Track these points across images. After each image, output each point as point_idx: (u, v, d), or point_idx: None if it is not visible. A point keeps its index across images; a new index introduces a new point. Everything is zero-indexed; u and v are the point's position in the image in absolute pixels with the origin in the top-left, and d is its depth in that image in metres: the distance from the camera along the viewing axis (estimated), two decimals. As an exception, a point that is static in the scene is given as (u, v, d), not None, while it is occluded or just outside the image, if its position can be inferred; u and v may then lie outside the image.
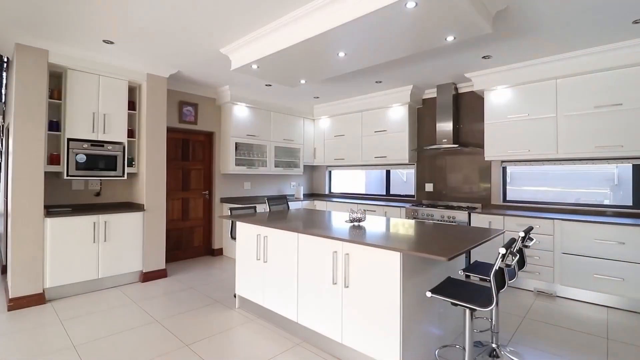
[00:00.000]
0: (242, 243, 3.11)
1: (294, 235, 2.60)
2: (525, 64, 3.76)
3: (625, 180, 3.69)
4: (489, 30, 2.52)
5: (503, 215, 3.86)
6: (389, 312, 2.00)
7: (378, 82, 4.64)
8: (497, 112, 4.11)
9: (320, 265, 2.40)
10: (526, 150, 3.90)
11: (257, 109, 5.42)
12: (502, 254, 1.74)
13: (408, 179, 5.77)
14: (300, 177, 6.60)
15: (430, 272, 2.28)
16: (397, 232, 2.46)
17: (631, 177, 3.60)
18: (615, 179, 3.78)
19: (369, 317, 2.11)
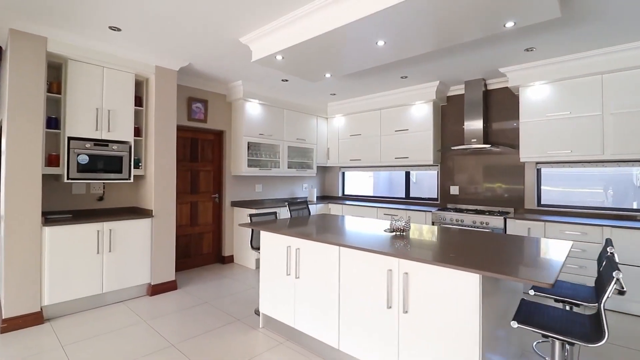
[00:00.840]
0: (267, 255, 2.77)
1: (334, 249, 2.26)
2: (569, 58, 3.47)
3: (676, 183, 3.41)
4: (558, 14, 2.21)
5: (543, 221, 3.57)
6: (465, 344, 1.68)
7: (403, 78, 4.32)
8: (535, 110, 3.82)
9: (370, 285, 2.07)
10: (568, 151, 3.60)
11: (270, 107, 5.07)
12: (618, 278, 1.42)
13: (418, 180, 5.45)
14: (313, 178, 6.27)
15: (500, 293, 1.96)
16: (448, 244, 2.14)
17: (685, 181, 3.32)
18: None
19: (435, 349, 1.78)
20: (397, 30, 2.46)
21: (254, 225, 2.86)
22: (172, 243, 3.75)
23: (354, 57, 3.01)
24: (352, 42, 2.70)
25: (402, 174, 5.50)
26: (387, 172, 5.75)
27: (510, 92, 4.27)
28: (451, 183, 4.82)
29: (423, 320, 1.83)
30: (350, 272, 2.18)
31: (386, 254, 1.94)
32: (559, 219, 3.57)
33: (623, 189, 3.69)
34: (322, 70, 3.37)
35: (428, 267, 1.81)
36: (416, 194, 5.33)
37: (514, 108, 4.24)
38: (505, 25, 2.36)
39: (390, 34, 2.54)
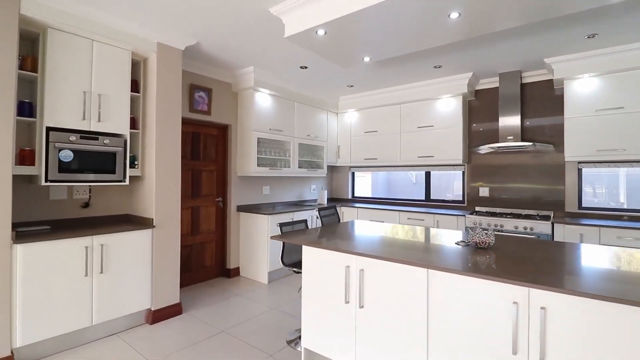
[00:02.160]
0: (313, 277, 2.22)
1: (421, 271, 1.76)
2: (627, 48, 3.16)
3: None
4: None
5: (598, 226, 3.24)
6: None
7: (437, 67, 3.89)
8: (583, 105, 3.49)
9: (482, 322, 1.58)
10: (622, 149, 3.30)
11: (281, 98, 4.49)
12: None
13: (418, 181, 5.06)
14: (321, 179, 5.74)
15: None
16: (563, 262, 1.70)
17: None
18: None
19: (591, 410, 1.32)
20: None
21: (293, 239, 2.31)
22: (176, 259, 3.11)
23: (413, 34, 2.51)
24: (419, 14, 2.21)
25: (405, 174, 5.09)
26: (387, 172, 5.32)
27: (548, 85, 3.94)
28: (481, 184, 4.45)
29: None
30: (446, 303, 1.68)
31: (507, 280, 1.46)
32: (613, 223, 3.26)
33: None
34: (363, 52, 2.86)
35: (573, 299, 1.35)
36: (435, 196, 4.93)
37: (552, 103, 3.92)
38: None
39: (468, 4, 2.07)
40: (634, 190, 3.67)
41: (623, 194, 3.75)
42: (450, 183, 4.90)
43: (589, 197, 3.84)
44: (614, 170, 3.74)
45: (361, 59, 3.02)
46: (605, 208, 3.72)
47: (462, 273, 1.59)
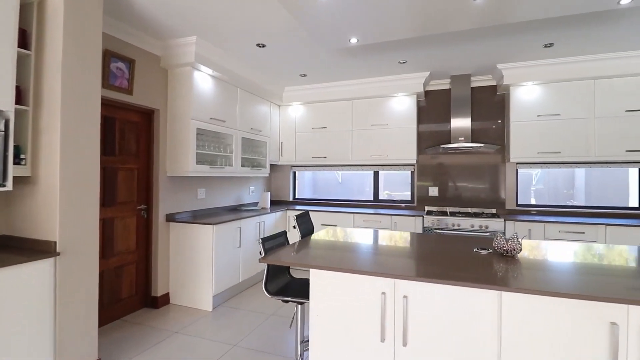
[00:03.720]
0: (328, 310, 1.70)
1: (491, 295, 1.43)
2: (569, 60, 3.51)
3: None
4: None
5: (543, 222, 3.53)
6: None
7: (402, 63, 3.71)
8: (526, 111, 3.78)
9: (572, 350, 1.33)
10: (558, 152, 3.67)
11: (224, 82, 3.71)
12: None
13: (368, 182, 5.02)
14: (261, 180, 5.06)
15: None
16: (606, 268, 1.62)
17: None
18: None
19: None
20: None
21: (296, 261, 1.74)
22: (93, 297, 2.14)
23: (431, 15, 2.20)
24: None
25: (332, 173, 4.93)
26: (327, 173, 5.08)
27: (492, 90, 4.19)
28: (430, 184, 4.49)
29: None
30: (526, 335, 1.39)
31: (605, 299, 1.25)
32: (554, 219, 3.60)
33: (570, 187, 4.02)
34: (351, 30, 2.43)
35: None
36: (364, 196, 4.84)
37: (495, 107, 4.18)
38: (620, 1, 1.99)
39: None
40: (563, 189, 4.17)
41: (553, 192, 4.23)
42: (392, 183, 4.86)
43: (524, 195, 4.23)
44: (546, 171, 4.19)
45: (347, 39, 2.58)
46: (538, 205, 4.13)
47: (548, 293, 1.31)
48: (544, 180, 4.26)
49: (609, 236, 3.31)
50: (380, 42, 2.96)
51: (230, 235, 3.47)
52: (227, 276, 3.43)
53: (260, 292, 3.71)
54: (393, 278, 1.57)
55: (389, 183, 4.88)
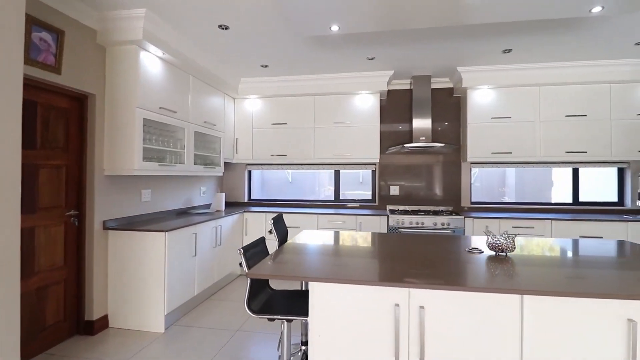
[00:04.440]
0: (333, 327, 1.48)
1: (514, 299, 1.35)
2: (519, 67, 3.76)
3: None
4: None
5: (499, 218, 3.74)
6: None
7: (370, 59, 3.62)
8: (481, 113, 3.98)
9: (591, 346, 1.31)
10: (509, 153, 3.92)
11: (175, 68, 3.24)
12: None
13: (319, 182, 4.92)
14: (212, 180, 4.59)
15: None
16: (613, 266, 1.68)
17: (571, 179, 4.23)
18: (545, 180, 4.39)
19: None
20: None
21: (285, 273, 1.49)
22: (14, 329, 1.61)
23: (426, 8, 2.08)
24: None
25: (283, 173, 4.78)
26: (261, 171, 4.88)
27: (449, 92, 4.34)
28: (391, 183, 4.51)
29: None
30: (545, 335, 1.34)
31: (624, 296, 1.24)
32: (505, 215, 3.83)
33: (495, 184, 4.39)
34: (333, 16, 2.23)
35: None
36: (322, 196, 4.74)
37: (451, 109, 4.34)
38: (592, 10, 2.11)
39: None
40: (513, 187, 4.48)
41: (487, 190, 4.52)
42: (350, 182, 4.78)
43: (476, 193, 4.46)
44: (483, 170, 4.45)
45: (328, 26, 2.37)
46: (489, 202, 4.38)
47: (571, 294, 1.27)
48: (480, 179, 4.51)
49: (554, 230, 3.61)
50: (356, 33, 2.82)
51: (184, 243, 3.03)
52: (181, 290, 2.99)
53: (218, 305, 3.32)
54: (407, 287, 1.41)
55: (346, 182, 4.78)
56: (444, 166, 4.38)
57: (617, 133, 3.71)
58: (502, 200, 4.44)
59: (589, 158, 3.78)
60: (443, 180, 4.38)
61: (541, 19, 2.59)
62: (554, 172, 4.33)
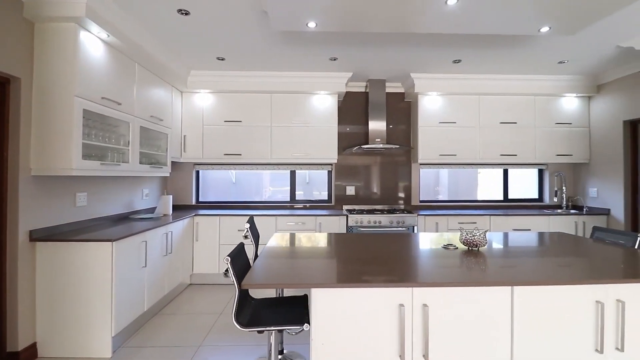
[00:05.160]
0: (336, 333, 1.42)
1: (505, 290, 1.45)
2: (465, 77, 4.11)
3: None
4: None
5: (447, 215, 4.04)
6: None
7: (333, 60, 3.61)
8: (430, 117, 4.26)
9: (571, 324, 1.46)
10: (454, 155, 4.27)
11: (120, 53, 2.84)
12: None
13: (264, 182, 4.81)
14: (156, 181, 4.15)
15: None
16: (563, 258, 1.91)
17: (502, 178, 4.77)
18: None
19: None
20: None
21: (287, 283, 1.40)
22: None
23: (393, 14, 2.11)
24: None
25: (226, 173, 4.66)
26: (203, 172, 4.69)
27: (400, 97, 4.56)
28: (347, 183, 4.58)
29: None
30: (531, 321, 1.45)
31: (597, 279, 1.42)
32: (452, 212, 4.16)
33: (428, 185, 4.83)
34: (311, 11, 2.16)
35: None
36: (278, 196, 4.67)
37: (403, 113, 4.57)
38: (540, 29, 2.38)
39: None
40: (446, 186, 4.87)
41: (425, 189, 4.89)
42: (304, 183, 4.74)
43: (424, 191, 4.76)
44: (432, 171, 4.80)
45: (305, 22, 2.29)
46: (435, 200, 4.71)
47: (558, 282, 1.41)
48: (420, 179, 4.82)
49: (492, 224, 4.03)
50: (324, 33, 2.79)
51: (133, 253, 2.67)
52: (131, 307, 2.63)
53: (172, 320, 3.00)
54: (411, 287, 1.42)
55: (300, 183, 4.72)
56: (396, 167, 4.59)
57: (540, 139, 4.28)
58: (437, 198, 4.81)
59: (518, 160, 4.30)
60: (395, 180, 4.59)
61: (491, 34, 2.85)
62: (480, 172, 4.83)
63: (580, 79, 4.16)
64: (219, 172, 4.67)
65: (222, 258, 3.93)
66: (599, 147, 4.17)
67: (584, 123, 4.31)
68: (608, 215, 4.03)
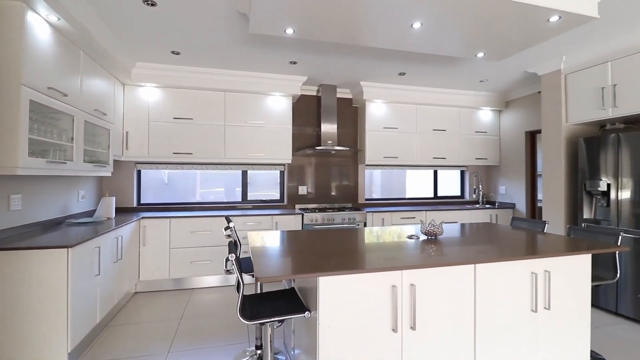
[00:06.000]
0: (339, 314, 1.58)
1: (470, 268, 1.77)
2: (408, 87, 4.60)
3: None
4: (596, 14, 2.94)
5: (391, 212, 4.48)
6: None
7: (292, 63, 3.72)
8: (376, 122, 4.66)
9: (515, 292, 1.85)
10: (396, 157, 4.75)
11: (66, 39, 2.55)
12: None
13: (198, 183, 4.63)
14: (91, 181, 3.74)
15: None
16: (504, 243, 2.37)
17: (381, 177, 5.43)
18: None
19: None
20: (436, 11, 2.24)
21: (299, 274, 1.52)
22: None
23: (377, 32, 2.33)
24: (380, 14, 2.13)
25: (157, 172, 4.59)
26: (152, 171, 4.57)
27: (348, 103, 4.88)
28: (299, 183, 4.73)
29: (556, 316, 1.94)
30: (487, 291, 1.81)
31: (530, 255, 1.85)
32: (393, 209, 4.62)
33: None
34: (289, 18, 2.28)
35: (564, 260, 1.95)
36: (228, 196, 4.65)
37: (350, 117, 4.90)
38: (550, 19, 2.86)
39: (428, 16, 2.27)
40: (388, 186, 5.36)
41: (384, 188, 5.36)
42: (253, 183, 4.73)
43: (367, 190, 5.16)
44: (368, 171, 5.25)
45: (283, 29, 2.38)
46: (377, 198, 5.15)
47: (504, 259, 1.79)
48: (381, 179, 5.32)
49: (428, 218, 4.59)
50: (287, 38, 2.91)
51: (87, 260, 2.43)
52: (85, 319, 2.40)
53: (125, 331, 2.79)
54: (400, 270, 1.65)
55: (235, 184, 4.61)
56: (345, 167, 4.90)
57: (463, 145, 5.01)
58: (372, 196, 5.27)
59: (447, 163, 4.97)
60: (344, 180, 4.90)
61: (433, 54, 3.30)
62: (408, 172, 5.41)
63: (494, 96, 5.00)
64: (150, 172, 4.33)
65: (172, 263, 3.74)
66: (507, 152, 5.06)
67: (495, 132, 5.18)
68: (514, 208, 4.91)
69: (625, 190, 3.03)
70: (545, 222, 2.79)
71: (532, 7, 2.09)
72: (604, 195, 3.21)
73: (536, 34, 2.43)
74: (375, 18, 2.25)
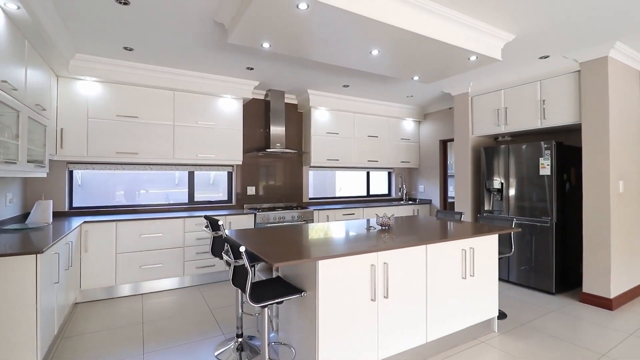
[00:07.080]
0: (333, 292, 1.92)
1: (422, 248, 2.29)
2: (349, 98, 5.13)
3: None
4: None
5: (335, 209, 4.97)
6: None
7: (249, 69, 3.88)
8: (320, 128, 5.10)
9: (448, 266, 2.44)
10: (337, 160, 5.26)
11: (13, 27, 2.34)
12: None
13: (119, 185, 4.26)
14: (17, 183, 3.32)
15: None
16: (432, 231, 3.00)
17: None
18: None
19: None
20: (391, 43, 2.76)
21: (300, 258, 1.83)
22: None
23: (345, 55, 2.71)
24: (344, 41, 2.56)
25: (86, 174, 4.54)
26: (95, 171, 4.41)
27: (294, 108, 5.21)
28: (248, 184, 4.87)
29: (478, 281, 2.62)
30: (437, 265, 2.37)
31: (459, 237, 2.47)
32: (334, 206, 5.12)
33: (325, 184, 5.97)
34: (266, 33, 2.53)
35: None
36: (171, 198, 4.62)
37: (297, 121, 5.24)
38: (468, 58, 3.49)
39: (384, 45, 2.77)
40: (321, 185, 5.84)
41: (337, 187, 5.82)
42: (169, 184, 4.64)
43: (310, 190, 5.57)
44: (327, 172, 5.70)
45: (260, 43, 2.60)
46: (318, 197, 5.59)
47: (444, 240, 2.37)
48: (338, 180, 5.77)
49: (365, 214, 5.21)
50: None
51: (48, 267, 2.29)
52: (48, 330, 2.25)
53: (82, 342, 2.66)
54: (377, 252, 2.08)
55: (168, 184, 4.52)
56: (291, 169, 5.21)
57: (391, 149, 5.79)
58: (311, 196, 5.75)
59: (378, 165, 5.68)
60: (290, 180, 5.20)
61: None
62: (337, 174, 6.01)
63: (416, 109, 5.90)
64: (87, 172, 4.04)
65: (120, 269, 3.57)
66: (425, 157, 6.01)
67: (416, 139, 6.10)
68: (430, 204, 5.87)
69: (512, 188, 4.04)
70: (461, 212, 3.56)
71: (459, 48, 2.75)
72: (498, 191, 4.19)
73: (459, 67, 3.15)
74: (344, 44, 2.66)
